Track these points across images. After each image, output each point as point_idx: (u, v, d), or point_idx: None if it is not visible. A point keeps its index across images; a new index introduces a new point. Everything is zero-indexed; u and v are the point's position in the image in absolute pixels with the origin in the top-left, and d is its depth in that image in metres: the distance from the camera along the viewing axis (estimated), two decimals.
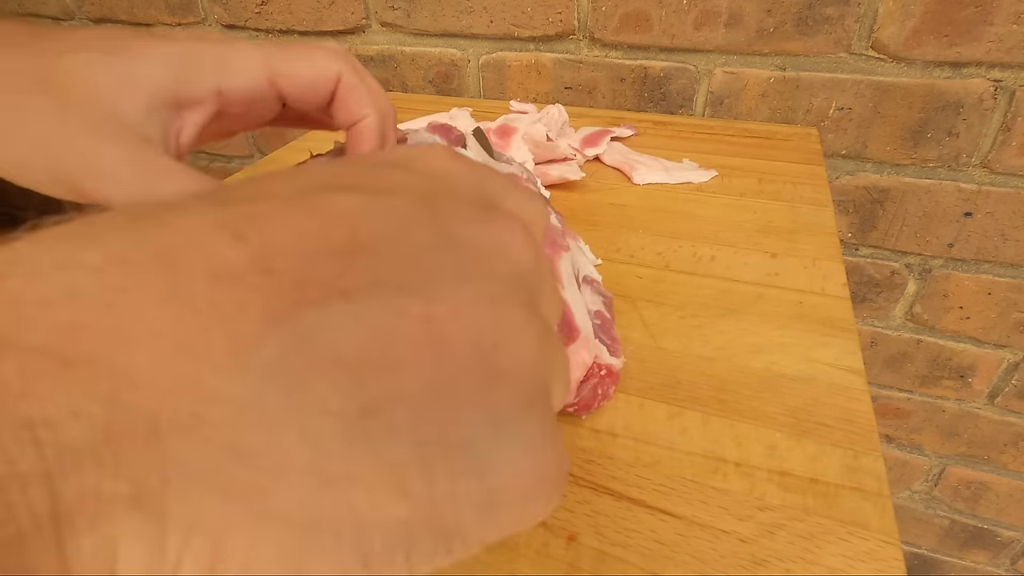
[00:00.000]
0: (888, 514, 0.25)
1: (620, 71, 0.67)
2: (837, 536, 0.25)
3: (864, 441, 0.29)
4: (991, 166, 0.59)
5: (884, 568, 0.24)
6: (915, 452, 0.82)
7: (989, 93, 0.56)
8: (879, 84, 0.59)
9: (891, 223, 0.66)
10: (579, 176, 0.51)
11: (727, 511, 0.26)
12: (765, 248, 0.43)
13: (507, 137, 0.53)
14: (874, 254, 0.68)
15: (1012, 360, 0.70)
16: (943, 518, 0.86)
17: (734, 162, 0.55)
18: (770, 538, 0.25)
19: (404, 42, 0.75)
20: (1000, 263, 0.64)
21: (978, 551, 0.87)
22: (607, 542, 0.25)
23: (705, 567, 0.24)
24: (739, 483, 0.27)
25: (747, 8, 0.59)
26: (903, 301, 0.70)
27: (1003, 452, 0.77)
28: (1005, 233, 0.62)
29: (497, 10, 0.68)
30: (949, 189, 0.62)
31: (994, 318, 0.68)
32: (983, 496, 0.82)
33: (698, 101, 0.66)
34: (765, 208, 0.48)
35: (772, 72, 0.62)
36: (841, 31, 0.58)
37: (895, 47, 0.57)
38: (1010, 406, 0.73)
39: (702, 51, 0.63)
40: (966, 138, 0.59)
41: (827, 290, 0.38)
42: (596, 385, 0.30)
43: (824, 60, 0.60)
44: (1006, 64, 0.54)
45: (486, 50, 0.72)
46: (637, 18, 0.63)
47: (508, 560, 0.24)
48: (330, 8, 0.76)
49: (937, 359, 0.73)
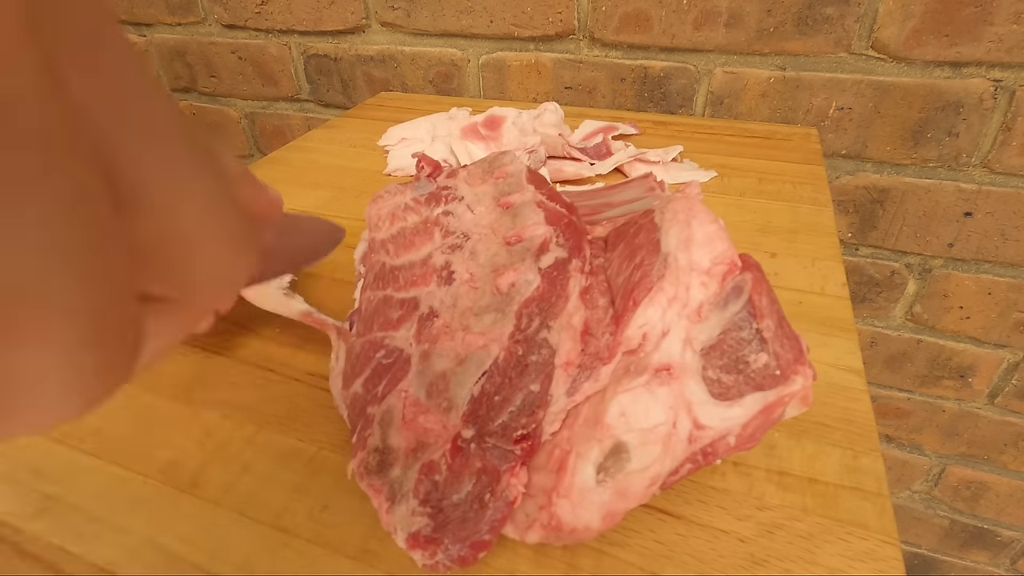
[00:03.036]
0: (887, 514, 0.25)
1: (620, 71, 0.67)
2: (836, 536, 0.25)
3: (863, 441, 0.29)
4: (991, 166, 0.59)
5: (883, 568, 0.24)
6: (915, 452, 0.82)
7: (989, 93, 0.56)
8: (879, 84, 0.59)
9: (891, 223, 0.66)
10: (594, 174, 0.52)
11: (726, 511, 0.26)
12: (765, 248, 0.43)
13: (496, 128, 0.53)
14: (874, 254, 0.68)
15: (1012, 360, 0.70)
16: (943, 518, 0.86)
17: (734, 162, 0.55)
18: (769, 538, 0.25)
19: (404, 42, 0.75)
20: (1000, 263, 0.64)
21: (978, 551, 0.87)
22: (606, 542, 0.25)
23: (704, 567, 0.24)
24: (738, 483, 0.27)
25: (747, 8, 0.59)
26: (903, 301, 0.70)
27: (1003, 452, 0.77)
28: (1005, 233, 0.62)
29: (497, 10, 0.68)
30: (949, 189, 0.62)
31: (994, 318, 0.67)
32: (983, 496, 0.82)
33: (698, 101, 0.66)
34: (765, 208, 0.48)
35: (772, 72, 0.62)
36: (841, 31, 0.58)
37: (895, 47, 0.57)
38: (1010, 406, 0.73)
39: (702, 51, 0.63)
40: (966, 138, 0.59)
41: (827, 290, 0.38)
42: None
43: (824, 60, 0.60)
44: (1006, 64, 0.54)
45: (486, 50, 0.72)
46: (637, 18, 0.63)
47: (508, 560, 0.24)
48: (330, 8, 0.76)
49: (937, 359, 0.73)
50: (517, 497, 0.22)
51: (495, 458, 0.23)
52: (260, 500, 0.27)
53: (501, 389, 0.24)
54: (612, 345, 0.25)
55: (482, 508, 0.22)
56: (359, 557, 0.24)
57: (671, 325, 0.24)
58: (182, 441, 0.30)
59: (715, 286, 0.25)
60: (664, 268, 0.26)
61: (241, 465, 0.28)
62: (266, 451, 0.29)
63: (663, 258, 0.26)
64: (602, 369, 0.24)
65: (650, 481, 0.23)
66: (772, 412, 0.24)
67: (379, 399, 0.26)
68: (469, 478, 0.23)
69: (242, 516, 0.26)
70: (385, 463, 0.25)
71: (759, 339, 0.24)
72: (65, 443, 0.30)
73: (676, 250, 0.26)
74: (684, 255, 0.26)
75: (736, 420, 0.23)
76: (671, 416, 0.23)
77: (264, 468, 0.28)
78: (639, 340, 0.25)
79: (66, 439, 0.30)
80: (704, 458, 0.23)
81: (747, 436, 0.23)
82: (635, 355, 0.24)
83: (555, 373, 0.24)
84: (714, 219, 0.27)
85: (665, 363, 0.24)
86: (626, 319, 0.25)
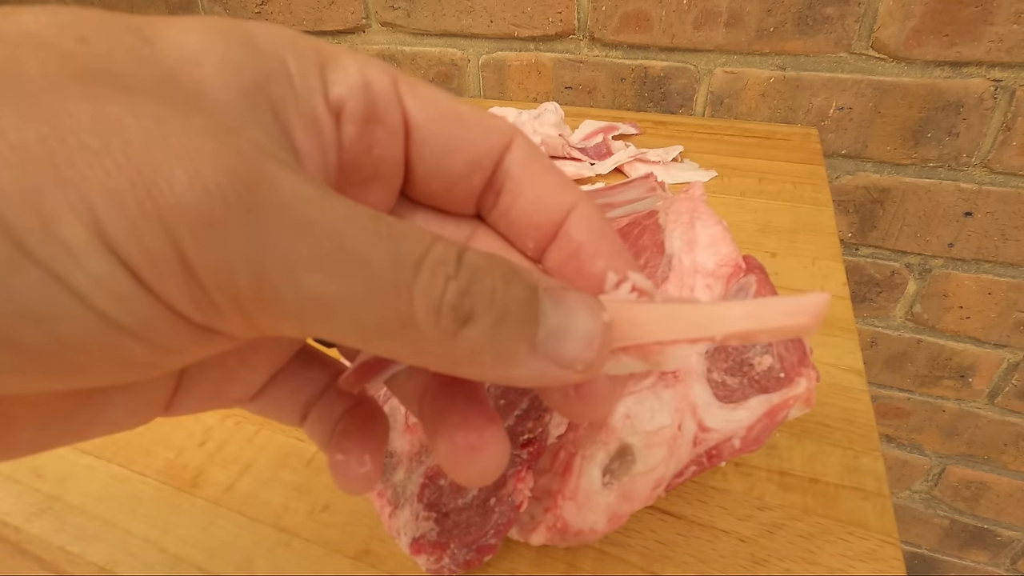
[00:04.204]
0: (888, 514, 0.25)
1: (620, 71, 0.67)
2: (837, 536, 0.25)
3: (864, 441, 0.29)
4: (991, 166, 0.59)
5: (884, 568, 0.24)
6: (915, 452, 0.82)
7: (989, 93, 0.56)
8: (879, 84, 0.59)
9: (891, 223, 0.66)
10: (594, 174, 0.52)
11: (727, 511, 0.26)
12: (765, 248, 0.43)
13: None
14: (874, 254, 0.68)
15: (1012, 360, 0.70)
16: (943, 518, 0.86)
17: (734, 162, 0.55)
18: (770, 538, 0.25)
19: (404, 42, 0.75)
20: (1000, 263, 0.64)
21: (978, 551, 0.87)
22: (606, 542, 0.25)
23: (705, 567, 0.24)
24: (739, 482, 0.27)
25: (747, 8, 0.59)
26: (903, 301, 0.70)
27: (1003, 452, 0.77)
28: (1005, 233, 0.62)
29: (497, 10, 0.68)
30: (949, 189, 0.62)
31: (994, 318, 0.68)
32: (983, 496, 0.82)
33: (698, 101, 0.66)
34: (765, 208, 0.48)
35: (772, 72, 0.62)
36: (841, 31, 0.58)
37: (895, 47, 0.57)
38: (1010, 406, 0.73)
39: (702, 51, 0.63)
40: (966, 138, 0.59)
41: (827, 290, 0.38)
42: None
43: (824, 60, 0.60)
44: (1006, 64, 0.54)
45: (486, 50, 0.72)
46: (637, 18, 0.63)
47: (509, 560, 0.24)
48: (330, 8, 0.76)
49: (937, 359, 0.73)
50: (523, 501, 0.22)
51: None
52: (260, 500, 0.27)
53: (506, 392, 0.24)
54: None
55: (487, 512, 0.22)
56: (360, 557, 0.24)
57: None
58: (182, 441, 0.30)
59: (720, 288, 0.25)
60: (668, 270, 0.26)
61: (241, 465, 0.28)
62: (266, 451, 0.29)
63: (667, 259, 0.26)
64: None
65: (655, 483, 0.23)
66: (776, 414, 0.24)
67: (382, 402, 0.26)
68: None
69: (242, 516, 0.26)
70: (388, 467, 0.25)
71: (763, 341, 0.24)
72: None
73: (680, 251, 0.26)
74: (688, 257, 0.26)
75: (741, 423, 0.23)
76: (676, 419, 0.23)
77: (264, 468, 0.28)
78: None
79: None
80: (709, 460, 0.23)
81: (752, 439, 0.23)
82: None
83: None
84: (718, 221, 0.27)
85: None
86: None
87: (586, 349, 0.11)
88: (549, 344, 0.11)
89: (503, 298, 0.11)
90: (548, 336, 0.11)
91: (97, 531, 0.26)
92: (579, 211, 0.14)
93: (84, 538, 0.25)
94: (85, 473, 0.28)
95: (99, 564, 0.25)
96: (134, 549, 0.25)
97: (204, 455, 0.29)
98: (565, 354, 0.11)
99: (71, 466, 0.28)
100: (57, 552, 0.25)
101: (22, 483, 0.28)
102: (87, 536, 0.26)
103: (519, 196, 0.15)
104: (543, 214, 0.14)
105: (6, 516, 0.26)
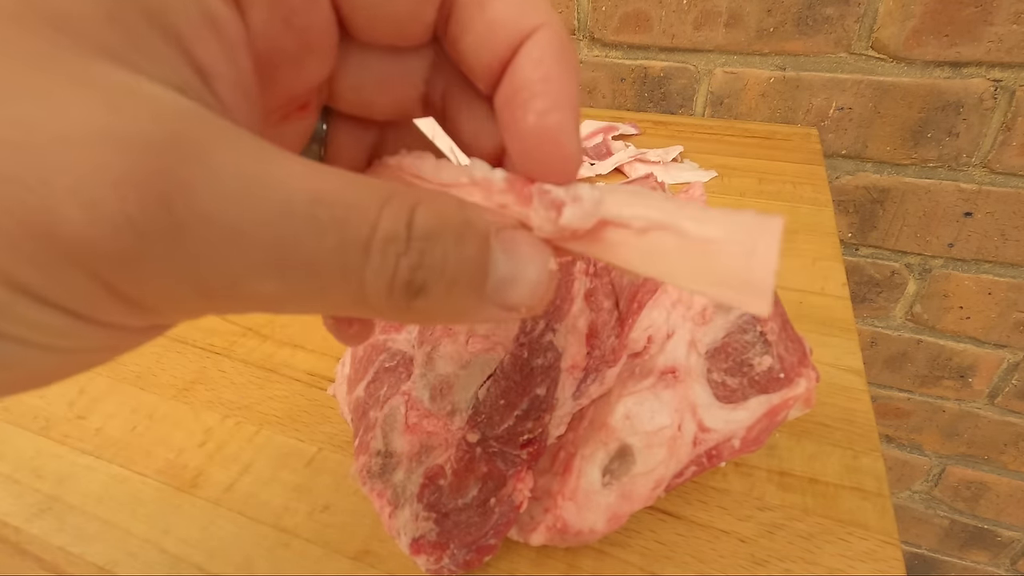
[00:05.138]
0: (888, 514, 0.25)
1: (620, 71, 0.67)
2: (837, 536, 0.25)
3: (864, 441, 0.29)
4: (991, 166, 0.59)
5: (884, 568, 0.24)
6: (915, 452, 0.82)
7: (989, 93, 0.56)
8: (879, 84, 0.59)
9: (891, 223, 0.66)
10: (594, 174, 0.53)
11: (726, 511, 0.26)
12: None
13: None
14: (874, 254, 0.68)
15: (1012, 360, 0.70)
16: (943, 518, 0.86)
17: (734, 162, 0.55)
18: (769, 538, 0.25)
19: None
20: (1000, 263, 0.64)
21: (978, 551, 0.87)
22: (606, 542, 0.25)
23: (704, 567, 0.24)
24: (738, 483, 0.27)
25: (747, 8, 0.59)
26: (903, 301, 0.70)
27: (1003, 452, 0.77)
28: (1005, 233, 0.62)
29: None
30: (949, 189, 0.62)
31: (994, 318, 0.67)
32: (983, 496, 0.82)
33: (698, 101, 0.66)
34: (765, 208, 0.48)
35: (772, 72, 0.62)
36: (841, 31, 0.58)
37: (895, 47, 0.57)
38: (1010, 406, 0.73)
39: (702, 51, 0.63)
40: (966, 138, 0.59)
41: (827, 290, 0.38)
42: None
43: (824, 60, 0.60)
44: (1006, 64, 0.54)
45: None
46: (637, 18, 0.63)
47: (509, 560, 0.24)
48: None
49: (937, 359, 0.73)
50: (523, 502, 0.22)
51: (500, 463, 0.23)
52: (260, 500, 0.27)
53: (506, 393, 0.24)
54: (617, 348, 0.25)
55: (487, 513, 0.22)
56: (360, 557, 0.24)
57: (676, 327, 0.24)
58: (182, 441, 0.30)
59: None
60: None
61: (241, 465, 0.28)
62: (266, 451, 0.29)
63: None
64: (608, 372, 0.24)
65: (655, 484, 0.23)
66: (776, 415, 0.24)
67: (381, 403, 0.26)
68: (474, 483, 0.23)
69: (242, 516, 0.26)
70: (388, 467, 0.25)
71: (763, 342, 0.24)
72: (65, 443, 0.30)
73: None
74: None
75: (741, 423, 0.23)
76: (676, 419, 0.23)
77: (264, 468, 0.28)
78: (644, 343, 0.25)
79: (66, 439, 0.30)
80: (709, 461, 0.23)
81: (751, 439, 0.23)
82: (640, 358, 0.24)
83: (561, 376, 0.24)
84: None
85: (670, 366, 0.24)
86: (631, 322, 0.25)
87: (531, 296, 0.12)
88: (497, 293, 0.11)
89: (455, 262, 0.11)
90: (497, 285, 0.11)
91: (97, 531, 0.26)
92: (533, 40, 0.12)
93: (84, 538, 0.25)
94: (85, 473, 0.28)
95: (99, 564, 0.25)
96: (134, 549, 0.25)
97: (204, 455, 0.29)
98: (512, 300, 0.12)
99: (71, 466, 0.28)
100: (57, 552, 0.25)
101: (22, 483, 0.28)
102: (87, 536, 0.26)
103: (469, 25, 0.12)
104: (490, 47, 0.12)
105: (6, 516, 0.26)
